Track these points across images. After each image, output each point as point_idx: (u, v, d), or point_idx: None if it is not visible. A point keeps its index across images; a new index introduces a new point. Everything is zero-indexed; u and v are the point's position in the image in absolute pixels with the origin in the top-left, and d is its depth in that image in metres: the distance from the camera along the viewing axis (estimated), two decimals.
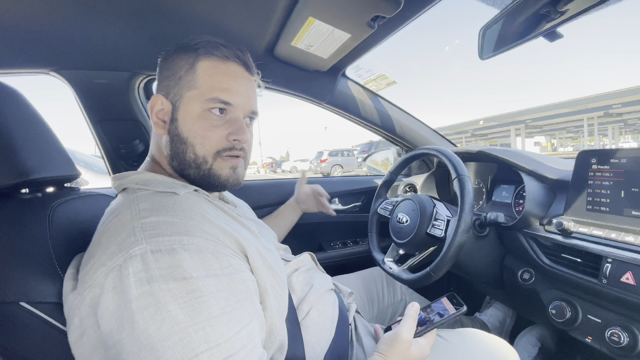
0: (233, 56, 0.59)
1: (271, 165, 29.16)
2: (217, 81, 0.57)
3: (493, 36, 0.76)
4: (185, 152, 0.57)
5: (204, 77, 0.57)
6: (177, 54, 0.59)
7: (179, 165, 0.58)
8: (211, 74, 0.57)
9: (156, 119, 0.59)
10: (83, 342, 0.44)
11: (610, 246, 0.68)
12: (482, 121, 24.66)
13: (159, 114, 0.59)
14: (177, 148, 0.58)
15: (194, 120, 0.57)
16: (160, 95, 0.59)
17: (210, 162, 0.58)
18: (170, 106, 0.58)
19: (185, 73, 0.57)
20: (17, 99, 0.56)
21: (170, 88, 0.58)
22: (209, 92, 0.56)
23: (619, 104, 17.16)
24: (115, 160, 1.10)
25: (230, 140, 0.58)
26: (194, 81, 0.57)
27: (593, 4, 0.57)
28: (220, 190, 0.62)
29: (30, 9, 0.71)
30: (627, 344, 0.65)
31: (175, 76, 0.58)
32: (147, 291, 0.40)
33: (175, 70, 0.58)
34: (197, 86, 0.57)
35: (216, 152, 0.58)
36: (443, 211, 0.88)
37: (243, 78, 0.60)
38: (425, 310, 0.67)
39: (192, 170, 0.58)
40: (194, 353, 0.39)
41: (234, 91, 0.58)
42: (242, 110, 0.60)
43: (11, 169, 0.51)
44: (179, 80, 0.57)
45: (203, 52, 0.57)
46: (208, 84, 0.57)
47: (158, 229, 0.45)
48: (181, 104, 0.57)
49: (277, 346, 0.56)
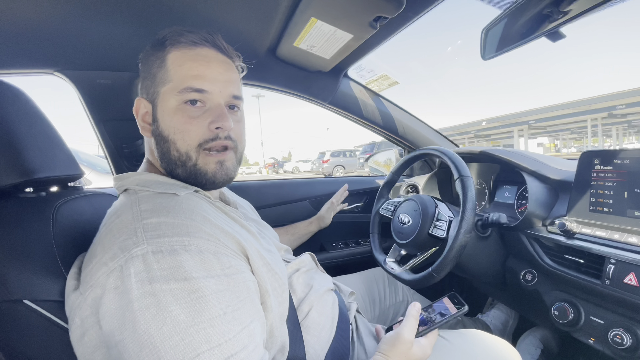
0: (201, 40, 0.56)
1: (273, 165, 29.20)
2: (187, 69, 0.54)
3: (495, 36, 0.76)
4: (169, 150, 0.55)
5: (174, 68, 0.54)
6: (149, 52, 0.57)
7: (167, 166, 0.57)
8: (180, 63, 0.54)
9: (142, 123, 0.58)
10: (85, 342, 0.45)
11: (614, 247, 0.68)
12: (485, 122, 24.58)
13: (145, 117, 0.58)
14: (162, 148, 0.56)
15: (172, 115, 0.54)
16: (141, 98, 0.58)
17: (194, 158, 0.55)
18: (150, 107, 0.57)
19: (158, 69, 0.55)
20: (22, 99, 0.57)
21: (148, 88, 0.57)
22: (181, 82, 0.53)
23: (623, 105, 17.06)
24: (118, 160, 1.10)
25: (212, 129, 0.54)
26: (166, 75, 0.54)
27: (596, 4, 0.56)
28: (210, 188, 0.59)
29: (35, 10, 0.72)
30: (630, 346, 0.65)
31: (150, 74, 0.56)
32: (148, 291, 0.40)
33: (150, 68, 0.56)
34: (170, 79, 0.54)
35: (198, 145, 0.54)
36: (445, 212, 0.88)
37: (216, 61, 0.56)
38: (427, 310, 0.67)
39: (180, 169, 0.56)
40: (195, 353, 0.39)
41: (207, 76, 0.54)
42: (220, 96, 0.56)
43: (15, 168, 0.52)
44: (154, 78, 0.55)
45: (169, 43, 0.55)
46: (179, 75, 0.54)
47: (159, 230, 0.45)
48: (158, 101, 0.55)
49: (278, 347, 0.56)
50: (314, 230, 1.20)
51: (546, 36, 0.68)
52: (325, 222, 1.21)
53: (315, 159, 19.02)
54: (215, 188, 0.60)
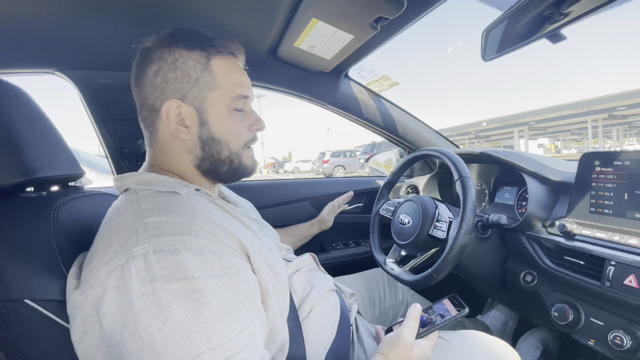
0: (236, 50, 0.60)
1: (273, 165, 29.19)
2: (235, 78, 0.59)
3: (496, 38, 0.76)
4: (220, 151, 0.59)
5: (222, 75, 0.57)
6: (179, 52, 0.55)
7: (210, 165, 0.59)
8: (228, 72, 0.58)
9: (177, 126, 0.56)
10: (86, 341, 0.45)
11: (614, 249, 0.68)
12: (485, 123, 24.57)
13: (183, 120, 0.56)
14: (210, 150, 0.58)
15: (224, 120, 0.58)
16: (176, 100, 0.55)
17: (240, 156, 0.61)
18: (193, 110, 0.56)
19: (202, 74, 0.56)
20: (23, 98, 0.57)
21: (186, 91, 0.55)
22: (232, 90, 0.58)
23: (624, 106, 17.04)
24: (119, 160, 1.10)
25: (252, 131, 0.62)
26: (214, 81, 0.56)
27: (596, 5, 0.57)
28: (245, 177, 0.65)
29: (37, 10, 0.72)
30: (629, 347, 0.65)
31: (189, 78, 0.55)
32: (149, 291, 0.40)
33: (188, 71, 0.55)
34: (219, 86, 0.57)
35: (244, 145, 0.61)
36: (445, 212, 0.88)
37: (244, 70, 0.63)
38: (427, 311, 0.67)
39: (225, 167, 0.60)
40: (195, 353, 0.39)
41: (247, 84, 0.61)
42: (251, 101, 0.63)
43: (16, 167, 0.52)
44: (197, 82, 0.55)
45: (213, 50, 0.57)
46: (229, 83, 0.58)
47: (160, 229, 0.45)
48: (207, 106, 0.56)
49: (278, 346, 0.57)
50: (314, 233, 1.20)
51: (547, 38, 0.68)
52: (327, 224, 1.22)
53: (316, 159, 19.02)
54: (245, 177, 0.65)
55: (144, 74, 0.56)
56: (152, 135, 0.59)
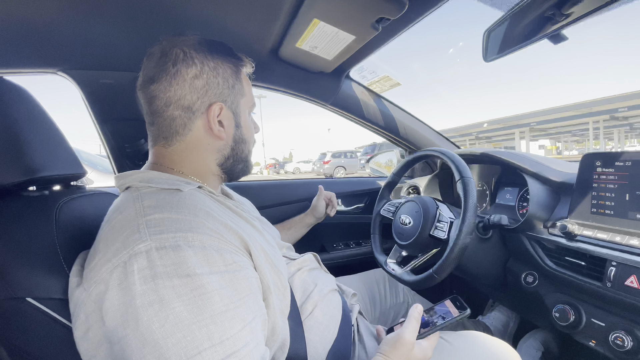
0: (250, 65, 0.67)
1: (274, 166, 29.20)
2: (250, 89, 0.67)
3: (497, 38, 0.76)
4: (244, 151, 0.66)
5: (247, 85, 0.65)
6: (219, 59, 0.59)
7: (232, 163, 0.65)
8: (248, 83, 0.66)
9: (219, 127, 0.60)
10: (88, 338, 0.45)
11: (615, 249, 0.68)
12: (486, 124, 24.55)
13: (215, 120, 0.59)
14: (237, 149, 0.64)
15: (249, 124, 0.66)
16: (220, 103, 0.59)
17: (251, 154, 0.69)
18: (231, 114, 0.62)
19: (236, 81, 0.62)
20: (26, 98, 0.57)
21: (225, 96, 0.60)
22: (252, 98, 0.67)
23: (625, 108, 17.02)
24: (120, 160, 1.11)
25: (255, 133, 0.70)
26: (242, 89, 0.63)
27: (598, 6, 0.57)
28: (245, 175, 0.70)
29: (39, 10, 0.72)
30: (631, 348, 0.64)
31: (227, 84, 0.60)
32: (151, 288, 0.41)
33: (226, 78, 0.60)
34: (244, 93, 0.64)
35: (254, 145, 0.70)
36: (446, 213, 0.88)
37: None
38: (429, 312, 0.67)
39: (241, 164, 0.66)
40: (197, 350, 0.39)
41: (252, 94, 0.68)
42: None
43: (19, 166, 0.52)
44: (232, 88, 0.61)
45: (240, 62, 0.63)
46: (248, 92, 0.66)
47: (162, 225, 0.45)
48: (239, 110, 0.63)
49: (279, 344, 0.57)
50: (310, 222, 1.15)
51: (548, 38, 0.68)
52: (318, 210, 1.15)
53: (317, 159, 19.03)
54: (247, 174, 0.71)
55: (179, 75, 0.56)
56: (177, 135, 0.58)
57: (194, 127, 0.58)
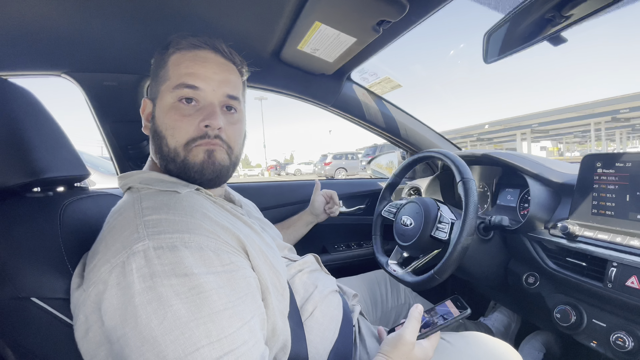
0: (202, 43, 0.58)
1: (275, 167, 29.22)
2: (183, 67, 0.57)
3: (497, 40, 0.76)
4: (161, 146, 0.57)
5: (172, 67, 0.58)
6: (157, 55, 0.61)
7: (160, 161, 0.58)
8: (178, 63, 0.57)
9: (145, 122, 0.62)
10: (89, 338, 0.45)
11: (616, 250, 0.68)
12: (487, 125, 24.51)
13: (148, 116, 0.62)
14: (156, 144, 0.59)
15: (166, 112, 0.57)
16: (146, 98, 0.62)
17: (183, 154, 0.56)
18: (151, 105, 0.61)
19: (159, 69, 0.59)
20: (30, 100, 0.58)
21: (151, 88, 0.61)
22: (176, 79, 0.56)
23: (627, 109, 16.97)
24: (123, 161, 1.11)
25: (201, 127, 0.55)
26: (165, 74, 0.58)
27: (597, 8, 0.57)
28: (200, 182, 0.58)
29: (44, 13, 0.73)
30: (632, 348, 0.64)
31: (154, 75, 0.61)
32: (149, 286, 0.41)
33: (155, 70, 0.61)
34: (168, 77, 0.57)
35: (186, 143, 0.56)
36: (447, 214, 0.88)
37: (213, 62, 0.59)
38: (429, 312, 0.67)
39: (171, 165, 0.57)
40: (194, 347, 0.40)
41: (201, 75, 0.57)
42: (214, 95, 0.57)
43: (23, 168, 0.52)
44: (156, 78, 0.60)
45: (172, 44, 0.59)
46: (176, 73, 0.57)
47: (160, 226, 0.46)
48: (157, 100, 0.59)
49: (280, 345, 0.57)
50: (309, 220, 1.14)
51: (548, 40, 0.68)
52: (315, 206, 1.12)
53: (318, 161, 19.05)
54: (206, 183, 0.59)
55: None
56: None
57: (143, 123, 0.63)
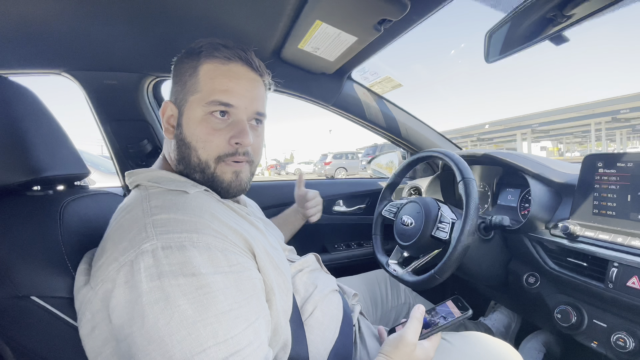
0: (235, 56, 0.58)
1: (275, 167, 29.22)
2: (217, 83, 0.56)
3: (499, 39, 0.76)
4: (190, 156, 0.57)
5: (205, 80, 0.57)
6: (183, 60, 0.60)
7: (185, 169, 0.59)
8: (212, 77, 0.57)
9: (166, 125, 0.61)
10: (94, 336, 0.45)
11: (617, 250, 0.68)
12: (488, 125, 24.51)
13: (170, 119, 0.60)
14: (182, 152, 0.58)
15: (197, 124, 0.57)
16: (169, 102, 0.60)
17: (213, 167, 0.57)
18: (177, 111, 0.59)
19: (189, 77, 0.58)
20: (31, 99, 0.58)
21: (177, 94, 0.59)
22: (209, 94, 0.56)
23: (627, 109, 16.97)
24: (123, 160, 1.11)
25: (232, 144, 0.57)
26: (196, 85, 0.57)
27: (599, 8, 0.57)
28: (224, 196, 0.60)
29: (44, 12, 0.73)
30: (633, 349, 0.64)
31: (181, 82, 0.59)
32: (157, 286, 0.41)
33: (181, 76, 0.59)
34: (199, 89, 0.57)
35: (217, 157, 0.57)
36: (448, 214, 0.88)
37: (246, 78, 0.59)
38: (430, 313, 0.67)
39: (198, 175, 0.58)
40: (201, 348, 0.40)
41: (235, 92, 0.57)
42: (245, 112, 0.58)
43: (24, 166, 0.52)
44: (184, 85, 0.58)
45: (205, 54, 0.57)
46: (209, 87, 0.56)
47: (168, 226, 0.46)
48: (185, 108, 0.58)
49: (281, 345, 0.57)
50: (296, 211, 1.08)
51: (550, 40, 0.68)
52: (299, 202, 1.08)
53: (318, 160, 19.06)
54: (229, 197, 0.62)
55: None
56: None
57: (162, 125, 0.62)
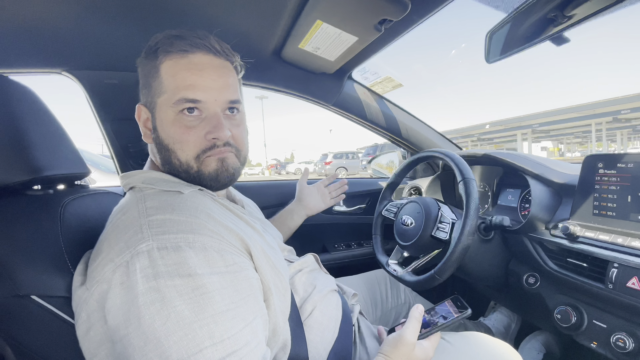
0: (192, 46, 0.54)
1: (276, 167, 29.22)
2: (179, 80, 0.53)
3: (500, 40, 0.76)
4: (170, 158, 0.56)
5: (167, 78, 0.54)
6: (145, 60, 0.57)
7: (170, 171, 0.58)
8: (173, 74, 0.54)
9: (144, 129, 0.60)
10: (90, 337, 0.45)
11: (617, 251, 0.68)
12: (488, 125, 24.50)
13: (146, 123, 0.59)
14: (163, 155, 0.57)
15: (170, 126, 0.55)
16: (141, 105, 0.59)
17: (195, 166, 0.56)
18: (150, 115, 0.58)
19: (153, 79, 0.56)
20: (31, 98, 0.58)
21: (146, 96, 0.58)
22: (174, 94, 0.54)
23: (628, 110, 16.95)
24: (124, 159, 1.11)
25: (209, 139, 0.55)
26: (161, 85, 0.55)
27: (600, 8, 0.57)
28: (216, 188, 0.59)
29: (45, 11, 0.73)
30: (632, 350, 0.64)
31: (147, 84, 0.57)
32: (153, 287, 0.41)
33: (146, 78, 0.57)
34: (164, 90, 0.54)
35: (197, 156, 0.55)
36: (448, 214, 0.88)
37: (210, 67, 0.55)
38: (430, 312, 0.67)
39: (183, 175, 0.57)
40: (198, 348, 0.40)
41: (199, 86, 0.54)
42: (216, 104, 0.56)
43: (24, 165, 0.52)
44: (150, 87, 0.56)
45: (161, 51, 0.54)
46: (172, 86, 0.54)
47: (164, 226, 0.46)
48: (156, 111, 0.57)
49: (280, 345, 0.57)
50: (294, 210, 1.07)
51: (550, 40, 0.68)
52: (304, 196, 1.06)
53: (318, 160, 19.06)
54: (220, 188, 0.60)
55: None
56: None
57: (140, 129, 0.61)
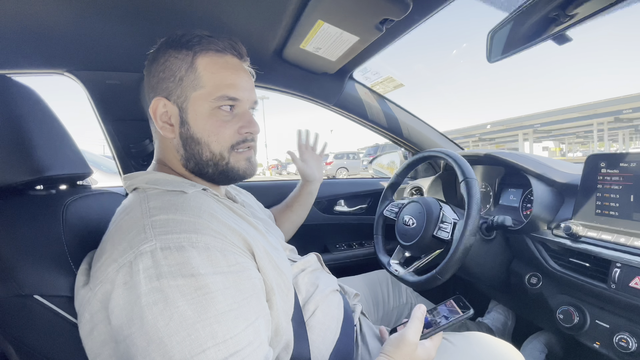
0: (229, 48, 0.59)
1: (277, 167, 29.21)
2: (221, 78, 0.57)
3: (501, 39, 0.76)
4: (201, 152, 0.58)
5: (206, 74, 0.56)
6: (170, 53, 0.57)
7: (195, 166, 0.59)
8: (213, 71, 0.57)
9: (162, 123, 0.58)
10: (93, 337, 0.45)
11: (619, 251, 0.67)
12: (489, 125, 24.46)
13: (163, 117, 0.58)
14: (191, 150, 0.58)
15: (205, 120, 0.57)
16: (161, 98, 0.57)
17: (227, 158, 0.59)
18: (176, 109, 0.57)
19: (186, 73, 0.56)
20: (34, 98, 0.58)
21: (171, 90, 0.57)
22: (216, 90, 0.56)
23: (630, 109, 16.90)
24: (125, 160, 1.11)
25: (242, 133, 0.60)
26: (198, 80, 0.56)
27: (602, 7, 0.57)
28: (238, 181, 0.63)
29: (47, 12, 0.73)
30: (635, 350, 0.64)
31: (174, 77, 0.56)
32: (156, 287, 0.41)
33: (174, 71, 0.56)
34: (202, 85, 0.56)
35: (231, 147, 0.59)
36: (450, 214, 0.88)
37: (242, 70, 0.61)
38: (432, 312, 0.67)
39: (210, 169, 0.59)
40: (201, 348, 0.40)
41: (239, 86, 0.58)
42: (247, 103, 0.61)
43: (27, 166, 0.53)
44: (181, 81, 0.56)
45: (199, 48, 0.57)
46: (213, 82, 0.56)
47: (167, 226, 0.46)
48: (188, 105, 0.57)
49: (283, 345, 0.57)
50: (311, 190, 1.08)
51: (552, 39, 0.68)
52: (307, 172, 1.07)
53: None
54: (241, 181, 0.64)
55: (146, 76, 0.60)
56: (153, 134, 0.63)
57: (154, 124, 0.60)
